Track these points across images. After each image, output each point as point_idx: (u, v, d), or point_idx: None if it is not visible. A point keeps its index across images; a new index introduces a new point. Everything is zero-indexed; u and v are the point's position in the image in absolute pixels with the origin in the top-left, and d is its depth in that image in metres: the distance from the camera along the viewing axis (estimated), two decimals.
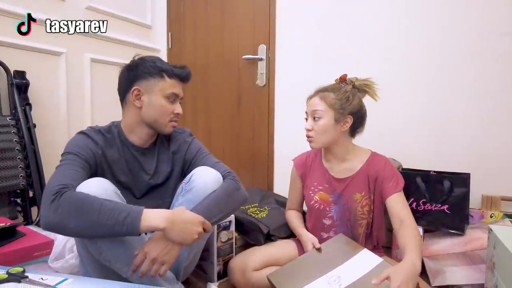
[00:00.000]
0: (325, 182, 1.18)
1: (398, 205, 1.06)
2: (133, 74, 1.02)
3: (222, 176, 1.02)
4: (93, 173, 0.96)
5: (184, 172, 1.12)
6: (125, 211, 0.80)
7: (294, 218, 1.28)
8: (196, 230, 0.86)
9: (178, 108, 1.05)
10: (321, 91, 1.15)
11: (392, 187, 1.09)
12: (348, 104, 1.12)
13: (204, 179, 0.98)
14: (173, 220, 0.83)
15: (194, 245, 0.97)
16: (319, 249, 1.09)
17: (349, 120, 1.13)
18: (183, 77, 1.05)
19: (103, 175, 0.98)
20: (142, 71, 1.01)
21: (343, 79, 1.18)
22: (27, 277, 0.76)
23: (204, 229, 0.88)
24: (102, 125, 1.08)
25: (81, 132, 1.01)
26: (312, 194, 1.20)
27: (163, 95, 1.01)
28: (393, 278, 0.80)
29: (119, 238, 0.86)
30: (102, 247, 0.86)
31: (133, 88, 1.01)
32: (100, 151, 0.99)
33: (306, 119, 1.16)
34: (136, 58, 1.05)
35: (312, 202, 1.19)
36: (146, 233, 0.94)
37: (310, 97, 1.16)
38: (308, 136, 1.14)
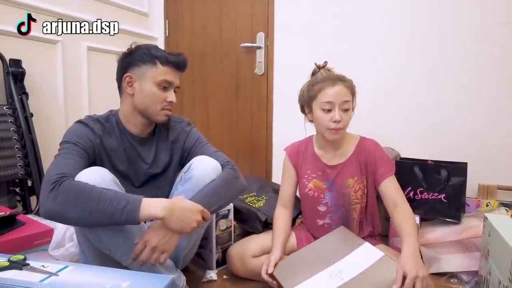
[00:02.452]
0: (318, 170, 1.18)
1: (391, 188, 1.08)
2: (127, 62, 1.02)
3: (221, 165, 1.03)
4: (91, 162, 0.96)
5: (183, 161, 1.12)
6: (125, 199, 0.80)
7: (277, 224, 1.18)
8: (195, 219, 0.86)
9: (171, 96, 1.02)
10: (340, 80, 1.08)
11: (384, 171, 1.09)
12: (356, 96, 1.14)
13: (203, 168, 0.99)
14: (172, 209, 0.83)
15: (193, 234, 0.98)
16: (317, 244, 1.09)
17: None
18: (177, 64, 1.02)
19: (101, 164, 0.98)
20: (135, 58, 1.00)
21: (325, 65, 1.15)
22: (28, 264, 0.77)
23: (203, 218, 0.89)
24: (100, 113, 1.07)
25: (79, 121, 1.00)
26: (306, 182, 1.20)
27: (154, 82, 0.99)
28: (409, 274, 0.83)
29: (118, 227, 0.86)
30: (102, 235, 0.87)
31: (125, 75, 1.01)
32: (98, 140, 0.98)
33: (328, 110, 1.06)
34: (132, 45, 1.04)
35: (306, 190, 1.20)
36: (145, 222, 0.95)
37: (331, 85, 1.06)
38: (338, 128, 1.06)
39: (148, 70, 0.99)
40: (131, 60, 1.01)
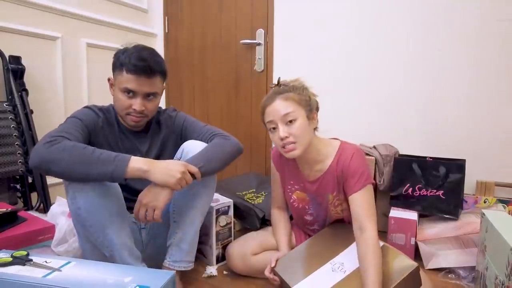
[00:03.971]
0: (300, 182, 1.12)
1: (357, 205, 0.97)
2: (112, 64, 1.05)
3: (210, 138, 1.08)
4: (91, 143, 0.99)
5: (177, 142, 1.15)
6: (116, 153, 0.87)
7: (278, 224, 1.17)
8: (178, 169, 0.89)
9: (135, 104, 1.00)
10: (279, 93, 0.99)
11: (353, 185, 0.98)
12: (310, 100, 1.02)
13: (195, 147, 1.03)
14: (155, 163, 0.89)
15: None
16: (316, 239, 1.09)
17: (316, 116, 1.04)
18: (140, 71, 0.98)
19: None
20: (113, 62, 1.04)
21: (279, 82, 1.05)
22: (31, 260, 0.78)
23: (193, 175, 0.92)
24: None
25: (87, 107, 1.07)
26: (290, 193, 1.16)
27: (120, 89, 1.01)
28: None
29: (97, 201, 0.88)
30: (81, 207, 0.88)
31: (108, 77, 1.07)
32: (100, 125, 1.04)
33: (273, 129, 0.99)
34: (121, 47, 1.05)
35: (291, 201, 1.17)
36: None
37: (268, 104, 1.00)
38: (288, 144, 0.97)
39: (117, 76, 1.02)
40: (112, 63, 1.04)
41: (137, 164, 0.86)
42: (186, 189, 0.94)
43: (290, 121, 0.97)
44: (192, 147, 1.04)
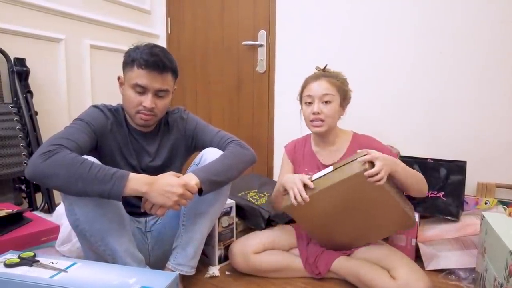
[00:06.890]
0: (315, 168, 1.20)
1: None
2: (122, 62, 1.03)
3: (225, 145, 1.08)
4: (99, 147, 1.00)
5: (188, 146, 1.15)
6: (115, 169, 0.84)
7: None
8: (175, 192, 0.87)
9: (146, 101, 0.98)
10: (325, 76, 1.15)
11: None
12: (347, 92, 1.18)
13: (214, 157, 1.02)
14: (152, 184, 0.86)
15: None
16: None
17: (345, 108, 1.19)
18: (151, 66, 0.96)
19: (111, 152, 1.02)
20: (124, 60, 1.02)
21: (325, 68, 1.21)
22: (38, 261, 0.79)
23: (190, 191, 0.89)
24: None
25: (96, 106, 1.04)
26: None
27: (129, 85, 0.99)
28: (377, 163, 0.94)
29: (97, 212, 0.88)
30: (80, 218, 0.88)
31: (118, 76, 1.05)
32: (109, 127, 1.03)
33: (309, 103, 1.15)
34: (132, 45, 1.04)
35: None
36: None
37: (314, 80, 1.15)
38: (317, 120, 1.13)
39: (128, 73, 1.00)
40: (123, 61, 1.02)
41: (135, 185, 0.84)
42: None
43: (326, 102, 1.12)
44: (211, 155, 1.03)
